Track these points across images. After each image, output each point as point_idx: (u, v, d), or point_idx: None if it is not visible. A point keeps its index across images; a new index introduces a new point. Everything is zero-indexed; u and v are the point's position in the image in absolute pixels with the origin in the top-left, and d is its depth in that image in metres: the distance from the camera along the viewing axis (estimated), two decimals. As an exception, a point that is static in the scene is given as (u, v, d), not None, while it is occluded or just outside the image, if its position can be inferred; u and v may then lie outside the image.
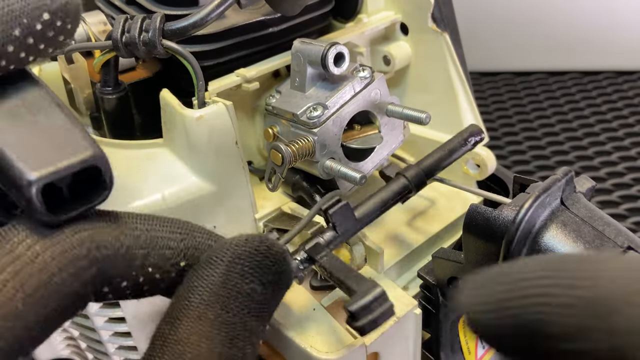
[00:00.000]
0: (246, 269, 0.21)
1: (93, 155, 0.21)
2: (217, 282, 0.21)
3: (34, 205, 0.20)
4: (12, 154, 0.20)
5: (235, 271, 0.21)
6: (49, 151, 0.21)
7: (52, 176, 0.20)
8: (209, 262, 0.21)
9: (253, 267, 0.21)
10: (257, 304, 0.21)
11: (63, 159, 0.20)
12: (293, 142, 0.35)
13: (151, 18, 0.33)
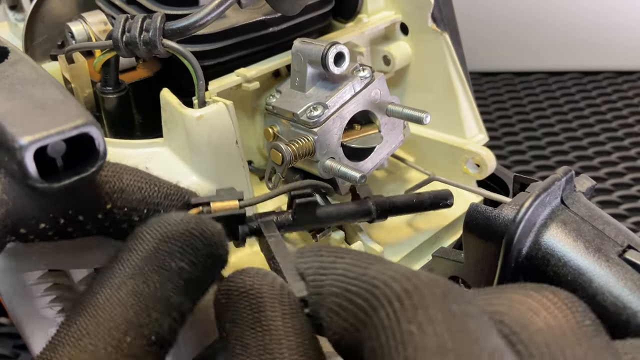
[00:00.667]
0: (175, 247, 0.21)
1: (85, 122, 0.21)
2: (142, 257, 0.21)
3: (26, 170, 0.20)
4: (4, 121, 0.20)
5: (164, 249, 0.21)
6: (42, 119, 0.21)
7: (44, 140, 0.20)
8: (140, 236, 0.22)
9: (183, 247, 0.21)
10: (184, 281, 0.21)
11: (55, 125, 0.20)
12: (293, 141, 0.35)
13: (152, 17, 0.33)
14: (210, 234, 0.22)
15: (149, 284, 0.21)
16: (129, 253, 0.21)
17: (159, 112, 0.35)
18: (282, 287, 0.21)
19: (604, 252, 0.27)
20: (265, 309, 0.20)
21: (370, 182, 0.38)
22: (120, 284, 0.20)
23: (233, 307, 0.21)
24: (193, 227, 0.22)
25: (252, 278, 0.21)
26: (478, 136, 0.45)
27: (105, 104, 0.38)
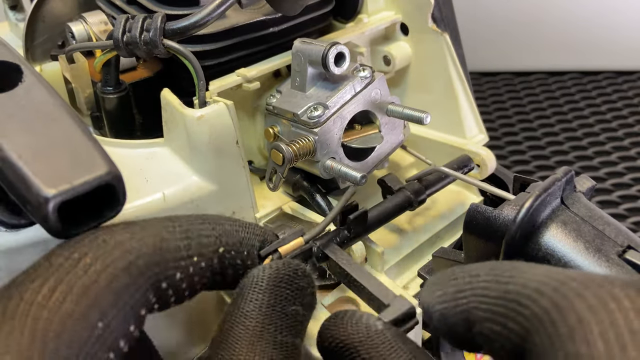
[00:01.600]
0: (288, 292, 0.23)
1: (108, 173, 0.21)
2: (266, 305, 0.22)
3: (50, 223, 0.20)
4: (28, 169, 0.20)
5: (281, 295, 0.22)
6: (64, 167, 0.21)
7: (68, 194, 0.20)
8: (256, 287, 0.22)
9: (294, 291, 0.23)
10: (299, 324, 0.23)
11: (79, 176, 0.20)
12: (294, 141, 0.35)
13: (152, 18, 0.33)
14: (307, 275, 0.24)
15: (281, 331, 0.22)
16: (251, 303, 0.22)
17: (159, 112, 0.35)
18: (368, 327, 0.22)
19: (604, 252, 0.27)
20: (360, 355, 0.21)
21: (370, 183, 0.38)
22: (259, 336, 0.21)
23: (335, 355, 0.22)
24: (296, 270, 0.23)
25: (338, 328, 0.22)
26: (478, 136, 0.45)
27: (106, 104, 0.38)
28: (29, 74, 0.25)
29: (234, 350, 0.21)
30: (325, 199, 0.38)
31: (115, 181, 0.21)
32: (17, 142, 0.21)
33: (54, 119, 0.23)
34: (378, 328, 0.22)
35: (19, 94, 0.24)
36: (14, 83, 0.24)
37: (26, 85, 0.24)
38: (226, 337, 0.21)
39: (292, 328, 0.22)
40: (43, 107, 0.23)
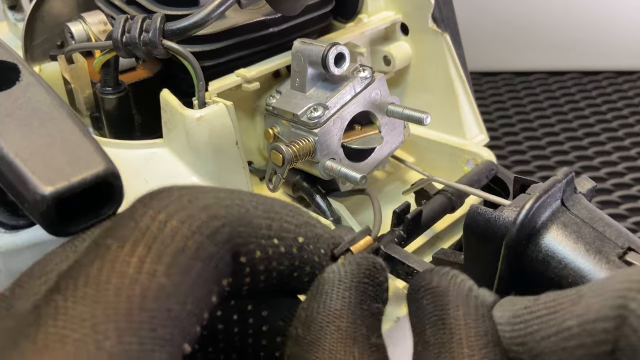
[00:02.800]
0: (371, 288, 0.21)
1: (105, 170, 0.21)
2: (354, 304, 0.21)
3: (47, 220, 0.20)
4: (25, 167, 0.20)
5: (366, 292, 0.21)
6: (61, 164, 0.20)
7: (65, 191, 0.20)
8: (341, 284, 0.21)
9: (375, 286, 0.22)
10: (380, 324, 0.21)
11: (76, 173, 0.20)
12: (294, 142, 0.35)
13: (151, 18, 0.33)
14: (384, 269, 0.22)
15: (373, 331, 0.20)
16: (340, 301, 0.21)
17: (158, 112, 0.35)
18: (470, 290, 0.20)
19: (605, 254, 0.27)
20: (449, 308, 0.20)
21: (370, 183, 0.38)
22: (354, 338, 0.20)
23: (418, 303, 0.21)
24: (374, 264, 0.22)
25: (440, 277, 0.21)
26: (478, 137, 0.45)
27: (105, 104, 0.38)
28: (27, 73, 0.25)
29: (330, 353, 0.19)
30: (325, 200, 0.38)
31: (112, 178, 0.21)
32: (14, 140, 0.21)
33: (51, 117, 0.23)
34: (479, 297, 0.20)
35: (16, 92, 0.24)
36: (11, 82, 0.24)
37: (23, 84, 0.24)
38: (318, 339, 0.20)
39: (378, 328, 0.21)
40: (40, 105, 0.23)
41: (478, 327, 0.19)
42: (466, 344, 0.19)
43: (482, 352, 0.19)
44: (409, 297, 0.22)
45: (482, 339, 0.19)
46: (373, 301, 0.21)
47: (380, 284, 0.22)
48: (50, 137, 0.22)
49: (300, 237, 0.22)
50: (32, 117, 0.22)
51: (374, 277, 0.22)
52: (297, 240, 0.22)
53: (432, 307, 0.20)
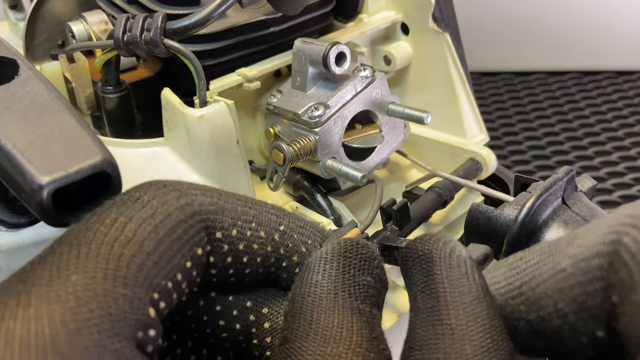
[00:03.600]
0: (356, 261, 0.22)
1: (103, 160, 0.21)
2: (335, 274, 0.21)
3: (45, 210, 0.20)
4: (22, 158, 0.20)
5: (349, 264, 0.22)
6: (58, 155, 0.20)
7: (62, 180, 0.20)
8: (322, 259, 0.22)
9: (361, 260, 0.22)
10: (374, 295, 0.22)
11: (73, 163, 0.20)
12: (294, 141, 0.35)
13: (153, 17, 0.33)
14: (371, 247, 0.23)
15: (356, 297, 0.21)
16: (321, 275, 0.21)
17: (159, 111, 0.35)
18: (452, 251, 0.21)
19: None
20: (433, 272, 0.20)
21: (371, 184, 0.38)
22: (334, 303, 0.20)
23: (409, 272, 0.21)
24: (357, 242, 0.22)
25: (424, 244, 0.21)
26: (479, 136, 0.45)
27: (106, 103, 0.38)
28: (25, 68, 0.25)
29: (311, 317, 0.20)
30: (326, 199, 0.38)
31: (110, 169, 0.21)
32: (12, 132, 0.21)
33: (49, 109, 0.23)
34: (462, 255, 0.21)
35: (15, 86, 0.24)
36: (11, 77, 0.24)
37: (22, 79, 0.24)
38: (300, 308, 0.21)
39: (367, 298, 0.21)
40: (38, 98, 0.23)
41: (462, 286, 0.20)
42: (451, 305, 0.19)
43: (468, 310, 0.19)
44: (402, 271, 0.22)
45: (466, 296, 0.19)
46: (359, 273, 0.21)
47: (367, 259, 0.22)
48: (48, 128, 0.22)
49: (281, 225, 0.23)
50: (30, 109, 0.22)
51: (358, 251, 0.22)
52: (278, 228, 0.23)
53: (419, 275, 0.21)
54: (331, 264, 0.21)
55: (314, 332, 0.19)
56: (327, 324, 0.20)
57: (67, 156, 0.20)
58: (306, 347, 0.19)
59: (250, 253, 0.22)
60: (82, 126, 0.22)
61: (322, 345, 0.19)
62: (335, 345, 0.19)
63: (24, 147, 0.20)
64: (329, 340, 0.19)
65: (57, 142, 0.21)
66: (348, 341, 0.19)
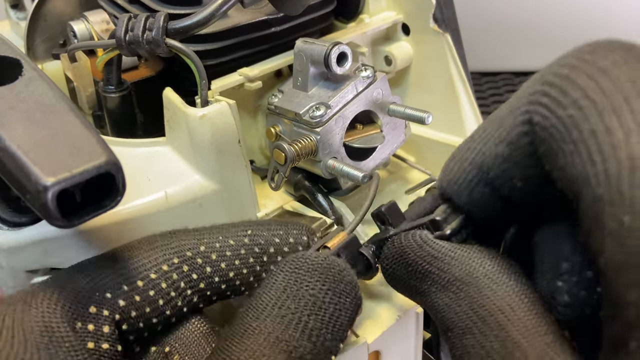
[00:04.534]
0: (306, 276, 0.23)
1: (107, 161, 0.21)
2: (279, 288, 0.23)
3: (49, 211, 0.20)
4: (27, 159, 0.20)
5: (296, 278, 0.23)
6: (63, 156, 0.21)
7: (67, 182, 0.20)
8: (272, 273, 0.24)
9: (313, 276, 0.23)
10: (318, 309, 0.23)
11: (78, 164, 0.20)
12: (296, 141, 0.35)
13: (155, 17, 0.33)
14: (337, 265, 0.24)
15: (287, 308, 0.22)
16: (264, 288, 0.23)
17: (161, 111, 0.35)
18: (415, 234, 0.26)
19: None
20: (410, 263, 0.25)
21: (371, 182, 0.38)
22: (266, 315, 0.22)
23: (394, 276, 0.26)
24: (317, 258, 0.24)
25: (394, 243, 0.27)
26: (479, 136, 0.45)
27: (108, 103, 0.38)
28: (29, 68, 0.25)
29: (243, 321, 0.22)
30: (327, 199, 0.39)
31: (114, 170, 0.21)
32: (17, 133, 0.21)
33: (54, 110, 0.23)
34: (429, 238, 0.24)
35: (19, 87, 0.24)
36: (14, 77, 0.24)
37: (26, 79, 0.24)
38: (242, 312, 0.23)
39: (306, 310, 0.22)
40: (43, 99, 0.23)
41: (432, 254, 0.24)
42: (429, 277, 0.23)
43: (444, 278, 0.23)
44: (386, 277, 0.25)
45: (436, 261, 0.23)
46: (306, 288, 0.23)
47: (331, 276, 0.24)
48: (53, 129, 0.22)
49: (255, 246, 0.27)
50: (34, 110, 0.22)
51: (319, 269, 0.24)
52: (253, 250, 0.27)
53: (403, 271, 0.24)
54: (276, 278, 0.23)
55: (243, 330, 0.22)
56: (255, 330, 0.22)
57: (72, 157, 0.21)
58: (232, 343, 0.22)
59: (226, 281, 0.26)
60: (86, 127, 0.22)
61: (244, 342, 0.22)
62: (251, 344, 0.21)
63: (29, 148, 0.20)
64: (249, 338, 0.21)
65: (62, 143, 0.21)
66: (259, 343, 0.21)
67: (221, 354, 0.21)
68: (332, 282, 0.23)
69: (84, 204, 0.22)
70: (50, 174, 0.20)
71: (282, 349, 0.21)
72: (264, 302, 0.22)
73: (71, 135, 0.22)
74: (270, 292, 0.23)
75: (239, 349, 0.21)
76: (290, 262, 0.24)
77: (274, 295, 0.23)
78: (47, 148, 0.21)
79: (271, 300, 0.22)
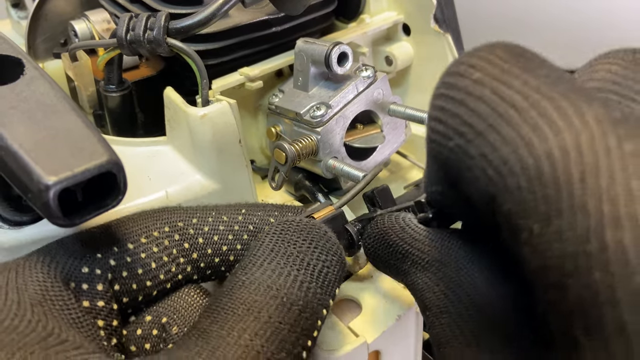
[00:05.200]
0: (293, 236, 0.24)
1: (108, 160, 0.21)
2: (267, 248, 0.23)
3: (51, 210, 0.20)
4: (29, 158, 0.20)
5: (283, 238, 0.24)
6: (65, 155, 0.21)
7: (68, 181, 0.20)
8: (259, 236, 0.24)
9: (300, 236, 0.24)
10: (307, 265, 0.23)
11: (79, 164, 0.20)
12: (296, 141, 0.35)
13: (156, 16, 0.33)
14: (318, 225, 0.25)
15: (278, 262, 0.23)
16: (252, 249, 0.23)
17: (162, 110, 0.36)
18: (398, 217, 0.27)
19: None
20: (391, 244, 0.26)
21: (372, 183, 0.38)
22: (258, 275, 0.22)
23: (376, 255, 0.28)
24: (302, 219, 0.25)
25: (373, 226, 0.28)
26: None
27: (109, 102, 0.38)
28: (31, 67, 0.25)
29: (236, 275, 0.22)
30: (327, 199, 0.39)
31: (116, 169, 0.21)
32: (19, 132, 0.21)
33: (55, 109, 0.23)
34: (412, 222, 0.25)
35: (21, 86, 0.24)
36: (16, 76, 0.24)
37: (27, 78, 0.24)
38: (228, 281, 0.23)
39: (295, 265, 0.23)
40: (44, 98, 0.23)
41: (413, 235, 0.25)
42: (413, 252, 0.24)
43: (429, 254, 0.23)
44: (368, 255, 0.26)
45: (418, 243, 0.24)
46: (294, 245, 0.24)
47: (316, 237, 0.24)
48: (54, 128, 0.22)
49: (250, 224, 0.27)
50: (36, 109, 0.22)
51: (304, 230, 0.24)
52: (247, 228, 0.27)
53: (384, 251, 0.25)
54: (265, 237, 0.24)
55: (239, 286, 0.22)
56: (249, 283, 0.22)
57: (73, 156, 0.21)
58: (228, 300, 0.22)
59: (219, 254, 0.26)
60: (87, 126, 0.22)
61: (243, 296, 0.22)
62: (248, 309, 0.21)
63: (31, 147, 0.21)
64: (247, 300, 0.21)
65: (63, 143, 0.21)
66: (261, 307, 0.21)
67: (214, 308, 0.21)
68: (317, 240, 0.24)
69: (86, 203, 0.22)
70: (52, 173, 0.20)
71: (273, 295, 0.21)
72: (252, 260, 0.23)
73: (72, 135, 0.22)
74: (258, 252, 0.23)
75: (230, 300, 0.21)
76: (277, 225, 0.24)
77: (263, 254, 0.23)
78: (49, 147, 0.21)
79: (260, 258, 0.23)
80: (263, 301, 0.21)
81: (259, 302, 0.21)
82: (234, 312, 0.21)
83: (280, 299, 0.21)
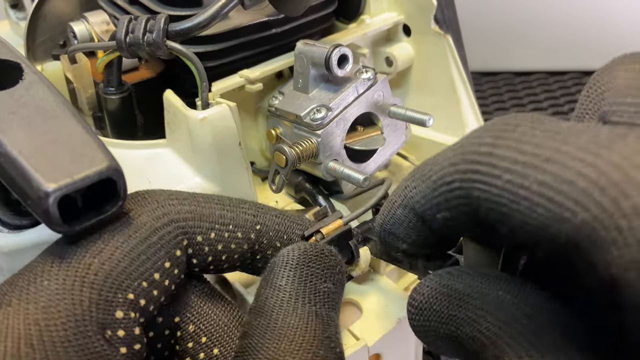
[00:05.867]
0: (318, 270, 0.24)
1: (108, 167, 0.21)
2: (298, 281, 0.24)
3: (51, 217, 0.20)
4: (28, 164, 0.20)
5: (312, 273, 0.24)
6: (64, 162, 0.20)
7: (68, 188, 0.20)
8: (287, 265, 0.24)
9: (323, 269, 0.25)
10: (332, 300, 0.24)
11: (79, 170, 0.20)
12: (297, 143, 0.35)
13: (155, 19, 0.33)
14: (335, 255, 0.26)
15: (314, 303, 0.23)
16: (283, 279, 0.24)
17: (161, 113, 0.35)
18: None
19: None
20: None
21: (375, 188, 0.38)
22: (294, 308, 0.23)
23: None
24: (322, 250, 0.25)
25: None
26: (480, 138, 0.45)
27: (108, 104, 0.38)
28: (30, 72, 0.25)
29: (270, 317, 0.23)
30: (328, 201, 0.38)
31: (115, 175, 0.21)
32: (18, 138, 0.21)
33: (54, 115, 0.23)
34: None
35: (20, 91, 0.24)
36: (15, 81, 0.24)
37: (27, 83, 0.24)
38: (262, 307, 0.23)
39: (326, 302, 0.24)
40: (43, 104, 0.23)
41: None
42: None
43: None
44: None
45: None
46: (320, 281, 0.24)
47: (329, 267, 0.25)
48: (54, 134, 0.22)
49: (257, 225, 0.27)
50: (35, 115, 0.22)
51: (321, 260, 0.25)
52: (254, 227, 0.27)
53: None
54: (295, 272, 0.24)
55: (271, 330, 0.22)
56: (284, 325, 0.22)
57: (73, 163, 0.20)
58: (262, 343, 0.22)
59: (228, 252, 0.26)
60: (87, 132, 0.22)
61: (276, 342, 0.22)
62: (288, 342, 0.22)
63: (30, 153, 0.20)
64: (284, 338, 0.22)
65: (63, 149, 0.21)
66: (301, 339, 0.22)
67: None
68: (333, 272, 0.25)
69: (85, 210, 0.22)
70: (52, 180, 0.20)
71: (310, 343, 0.22)
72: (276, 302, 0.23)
73: (72, 141, 0.21)
74: (280, 292, 0.24)
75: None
76: (295, 257, 0.25)
77: (287, 292, 0.23)
78: (48, 154, 0.21)
79: (297, 293, 0.23)
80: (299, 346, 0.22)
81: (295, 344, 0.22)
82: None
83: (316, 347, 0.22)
